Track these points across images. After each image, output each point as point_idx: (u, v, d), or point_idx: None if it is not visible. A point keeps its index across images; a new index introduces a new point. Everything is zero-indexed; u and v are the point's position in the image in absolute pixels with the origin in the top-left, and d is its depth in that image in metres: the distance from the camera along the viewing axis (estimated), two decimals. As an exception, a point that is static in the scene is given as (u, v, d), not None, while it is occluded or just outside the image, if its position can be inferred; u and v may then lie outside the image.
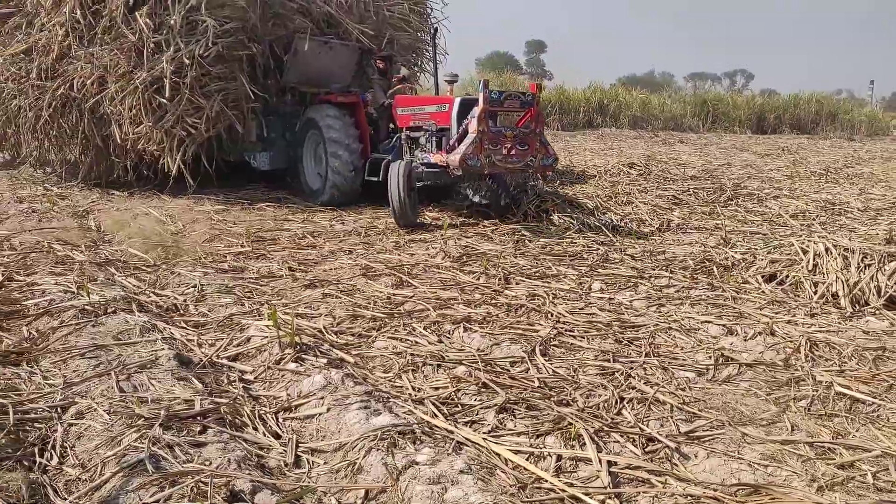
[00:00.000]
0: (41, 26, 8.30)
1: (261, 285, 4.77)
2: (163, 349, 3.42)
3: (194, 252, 5.67)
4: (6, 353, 3.37)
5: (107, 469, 2.39)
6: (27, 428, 2.67)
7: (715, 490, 2.30)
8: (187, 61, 7.33)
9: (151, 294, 4.49)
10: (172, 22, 7.35)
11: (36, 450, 2.53)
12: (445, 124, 7.01)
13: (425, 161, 7.05)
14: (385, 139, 8.12)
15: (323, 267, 5.32)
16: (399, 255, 5.73)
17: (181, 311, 4.21)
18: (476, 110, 6.27)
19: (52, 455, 2.51)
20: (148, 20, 7.44)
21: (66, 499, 2.25)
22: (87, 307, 3.97)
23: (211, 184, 8.44)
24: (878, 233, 5.77)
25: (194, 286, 4.67)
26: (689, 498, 2.25)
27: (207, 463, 2.41)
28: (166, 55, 7.36)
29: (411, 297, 4.50)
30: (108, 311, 3.97)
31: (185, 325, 3.92)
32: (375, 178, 7.54)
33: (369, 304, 4.35)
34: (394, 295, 4.58)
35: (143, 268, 5.18)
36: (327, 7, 8.83)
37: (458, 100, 7.01)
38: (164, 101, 7.47)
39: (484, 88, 6.21)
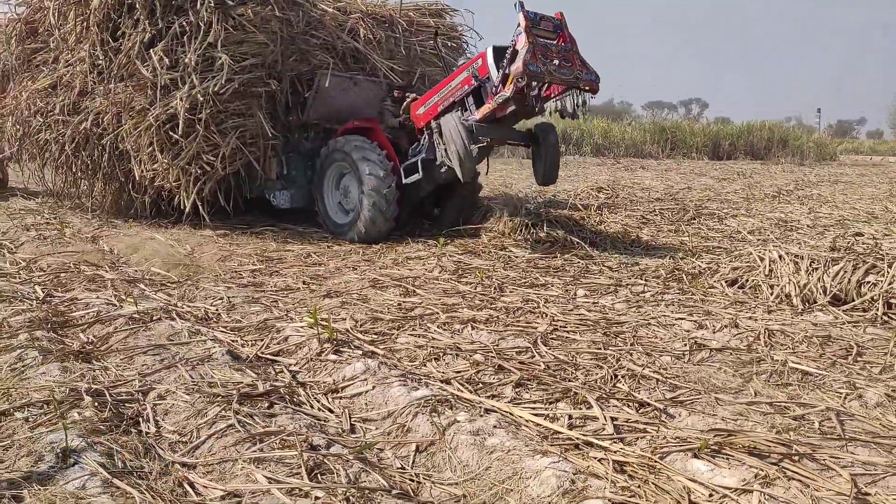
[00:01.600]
0: (66, 62, 8.50)
1: (282, 297, 5.28)
2: (214, 347, 3.91)
3: (213, 270, 6.15)
4: (76, 352, 3.82)
5: (202, 433, 2.88)
6: (120, 408, 3.14)
7: (698, 432, 2.90)
8: (202, 99, 7.30)
9: (184, 306, 4.96)
10: (188, 59, 7.37)
11: (132, 423, 3.01)
12: (485, 74, 6.81)
13: (471, 121, 6.77)
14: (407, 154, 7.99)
15: (333, 280, 5.85)
16: (400, 270, 6.28)
17: (216, 320, 4.70)
18: (521, 27, 6.21)
19: (149, 427, 2.99)
20: (163, 56, 7.49)
21: (174, 454, 2.74)
22: (134, 315, 4.44)
23: (219, 214, 8.41)
24: (824, 243, 6.52)
25: (221, 298, 5.16)
26: (678, 439, 2.84)
27: (282, 428, 2.92)
28: (180, 92, 7.38)
29: (420, 304, 5.06)
30: (154, 318, 4.44)
31: (224, 330, 4.41)
32: (417, 176, 7.40)
33: (384, 309, 4.90)
34: (403, 302, 5.13)
35: (169, 284, 5.64)
36: (354, 43, 8.73)
37: (489, 48, 6.84)
38: (179, 138, 7.49)
39: (521, 8, 6.20)
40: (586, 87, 6.47)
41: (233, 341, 4.16)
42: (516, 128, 7.38)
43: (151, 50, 7.55)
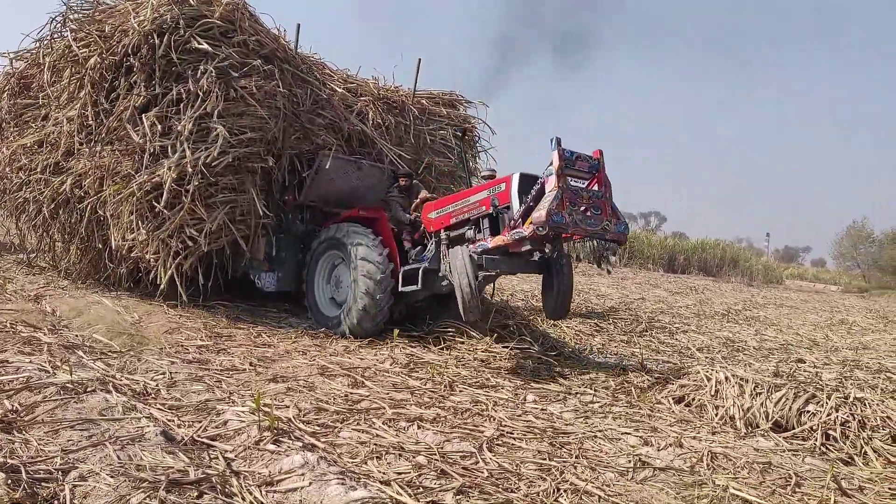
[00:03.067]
0: (55, 120, 8.16)
1: (226, 377, 5.13)
2: (148, 426, 3.75)
3: (158, 342, 5.97)
4: (-2, 421, 3.62)
5: (122, 522, 2.72)
6: (35, 488, 2.96)
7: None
8: (191, 170, 6.87)
9: (123, 378, 4.78)
10: (181, 127, 6.96)
11: (48, 505, 2.83)
12: (505, 203, 6.41)
13: (481, 249, 6.41)
14: (408, 254, 7.55)
15: (281, 364, 5.72)
16: (350, 358, 6.19)
17: (154, 395, 4.52)
18: (553, 167, 5.84)
19: (65, 509, 2.81)
20: (156, 122, 7.10)
21: (88, 544, 2.56)
22: (67, 385, 4.25)
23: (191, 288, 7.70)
24: (768, 367, 6.66)
25: (163, 373, 4.99)
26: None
27: (210, 521, 2.77)
28: (169, 161, 6.93)
29: (367, 396, 4.96)
30: (88, 389, 4.25)
31: (161, 408, 4.24)
32: (414, 287, 6.95)
33: (330, 399, 4.79)
34: (351, 393, 5.03)
35: (110, 353, 5.45)
36: (362, 125, 8.44)
37: (516, 175, 6.42)
38: (162, 209, 6.99)
39: (558, 145, 5.84)
40: (615, 239, 6.16)
41: (169, 420, 4.00)
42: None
43: (144, 115, 7.20)
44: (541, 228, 5.74)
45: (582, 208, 5.91)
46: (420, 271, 6.95)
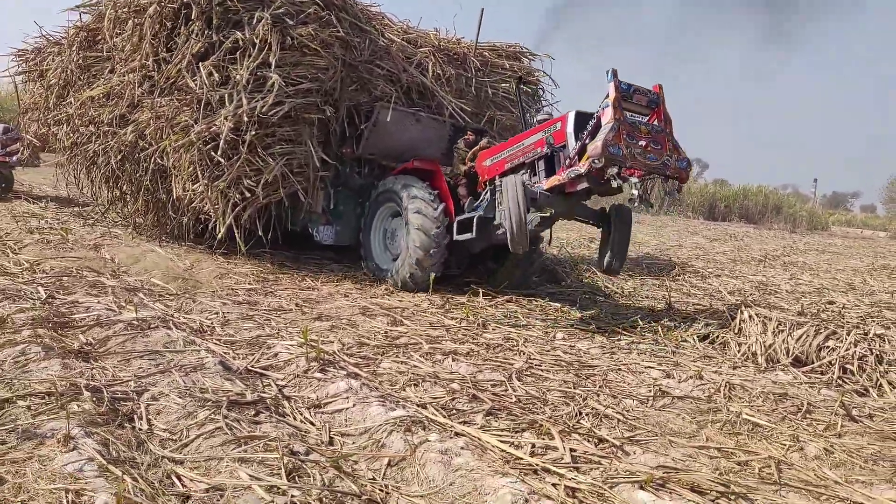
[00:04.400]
0: (120, 72, 8.12)
1: (275, 316, 5.53)
2: (207, 357, 4.16)
3: (210, 285, 6.41)
4: (76, 351, 4.06)
5: (191, 433, 3.12)
6: (116, 405, 3.38)
7: (648, 468, 3.14)
8: (247, 119, 6.77)
9: (181, 317, 5.21)
10: (238, 76, 6.88)
11: (127, 419, 3.25)
12: (560, 142, 6.18)
13: (538, 190, 6.20)
14: (463, 206, 7.34)
15: (325, 305, 6.11)
16: (390, 300, 6.55)
17: (210, 332, 4.94)
18: (609, 98, 5.61)
19: (141, 424, 3.22)
20: (213, 71, 6.99)
21: (164, 450, 2.97)
22: (133, 322, 4.69)
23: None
24: (794, 308, 6.81)
25: (216, 313, 5.41)
26: (627, 472, 3.09)
27: (266, 434, 3.16)
28: (225, 110, 6.84)
29: (406, 333, 5.32)
30: (151, 326, 4.68)
31: (217, 342, 4.65)
32: (468, 235, 6.84)
33: (371, 336, 5.15)
34: (390, 331, 5.39)
35: (167, 295, 5.89)
36: (421, 77, 8.23)
37: (572, 113, 6.17)
38: (220, 159, 6.94)
39: (614, 77, 5.61)
40: (675, 176, 5.89)
41: (225, 353, 4.40)
42: (587, 204, 6.78)
43: (201, 64, 7.08)
44: (596, 161, 5.53)
45: (641, 142, 5.64)
46: (475, 219, 6.84)
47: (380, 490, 2.87)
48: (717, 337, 6.01)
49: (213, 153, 6.97)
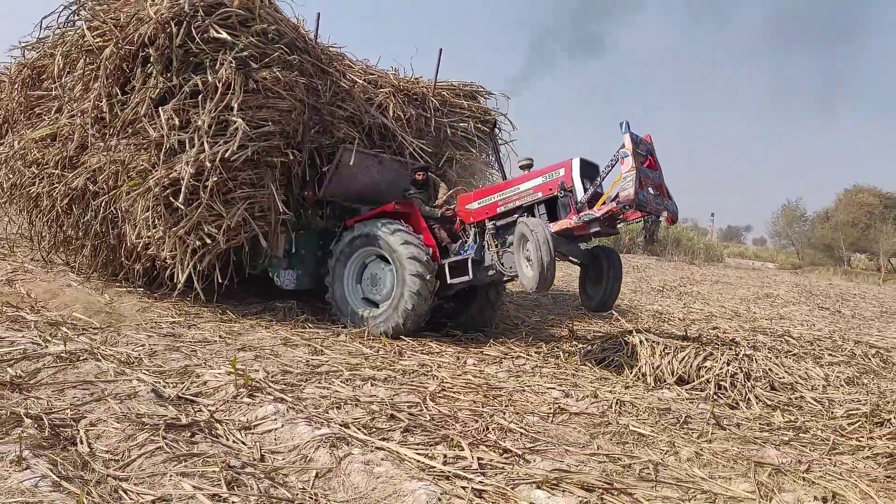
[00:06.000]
0: (69, 113, 7.81)
1: (200, 347, 5.76)
2: (139, 386, 4.39)
3: (134, 319, 6.55)
4: (8, 383, 4.20)
5: (132, 453, 3.39)
6: (58, 431, 3.59)
7: (545, 471, 3.63)
8: (209, 164, 6.64)
9: (108, 349, 5.37)
10: (200, 121, 6.73)
11: (69, 443, 3.47)
12: (569, 186, 6.45)
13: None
14: (447, 248, 7.43)
15: (247, 337, 6.37)
16: (308, 330, 6.87)
17: (138, 363, 5.13)
18: (627, 149, 5.89)
19: (83, 447, 3.45)
20: (173, 115, 6.82)
21: (108, 468, 3.22)
22: (61, 354, 4.84)
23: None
24: (680, 333, 7.58)
25: (143, 345, 5.60)
26: (527, 475, 3.56)
27: (204, 452, 3.46)
28: (186, 156, 6.70)
29: (326, 362, 5.67)
30: (80, 358, 4.85)
31: (147, 372, 4.86)
32: (465, 278, 6.97)
33: (293, 364, 5.48)
34: (312, 359, 5.72)
35: (91, 329, 6.01)
36: (382, 118, 8.27)
37: (576, 160, 6.51)
38: (180, 205, 6.74)
39: (628, 129, 5.95)
40: (669, 219, 6.21)
41: (156, 382, 4.62)
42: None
43: (161, 108, 6.92)
44: (628, 206, 5.90)
45: (650, 189, 6.07)
46: (469, 262, 6.96)
47: (310, 498, 3.22)
48: (612, 360, 6.65)
49: (172, 199, 6.81)
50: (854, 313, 14.96)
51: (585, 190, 6.37)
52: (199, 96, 6.84)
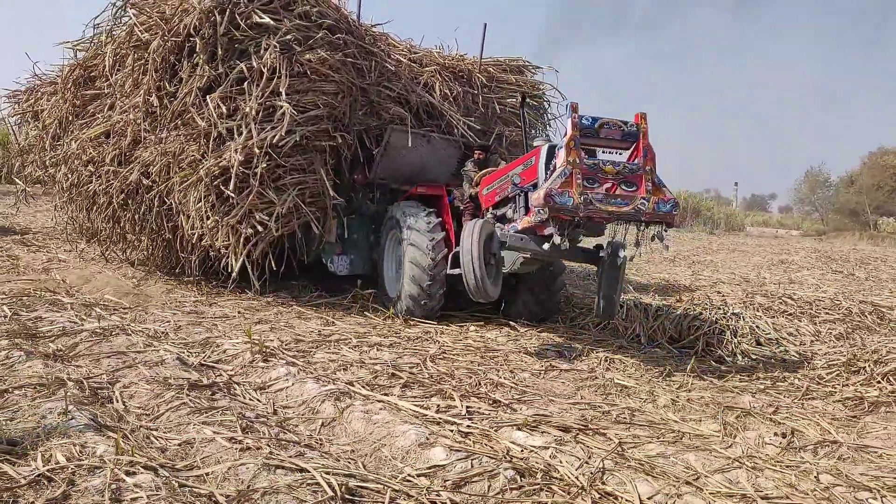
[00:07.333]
0: (121, 109, 7.86)
1: (221, 322, 6.25)
2: (166, 355, 4.88)
3: (159, 299, 7.06)
4: (51, 354, 4.71)
5: (161, 408, 3.87)
6: (96, 392, 4.08)
7: (525, 418, 4.05)
8: (258, 151, 6.59)
9: (137, 325, 5.87)
10: (247, 108, 6.71)
11: (106, 401, 3.96)
12: (531, 180, 5.79)
13: (513, 230, 5.81)
14: None
15: (264, 312, 6.84)
16: (322, 306, 7.33)
17: (164, 337, 5.63)
18: (563, 138, 5.17)
19: (118, 405, 3.94)
20: (220, 104, 6.79)
21: (140, 421, 3.70)
22: (96, 330, 5.35)
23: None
24: (676, 297, 7.92)
25: (168, 321, 6.10)
26: (510, 419, 3.98)
27: (223, 406, 3.92)
28: (234, 143, 6.67)
29: (337, 332, 6.12)
30: (113, 333, 5.35)
31: (172, 345, 5.35)
32: (459, 270, 5.77)
33: (306, 334, 5.94)
34: (323, 330, 6.18)
35: (121, 309, 6.52)
36: (429, 97, 8.13)
37: (545, 147, 5.74)
38: (231, 193, 6.69)
39: (572, 112, 5.10)
40: (655, 221, 5.10)
41: (180, 352, 5.11)
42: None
43: (208, 97, 6.89)
44: (541, 211, 5.01)
45: (605, 185, 5.02)
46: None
47: (315, 442, 3.67)
48: (609, 323, 7.02)
49: (222, 188, 6.78)
50: (868, 276, 15.05)
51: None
52: (245, 83, 6.84)
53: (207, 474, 3.04)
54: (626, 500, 3.06)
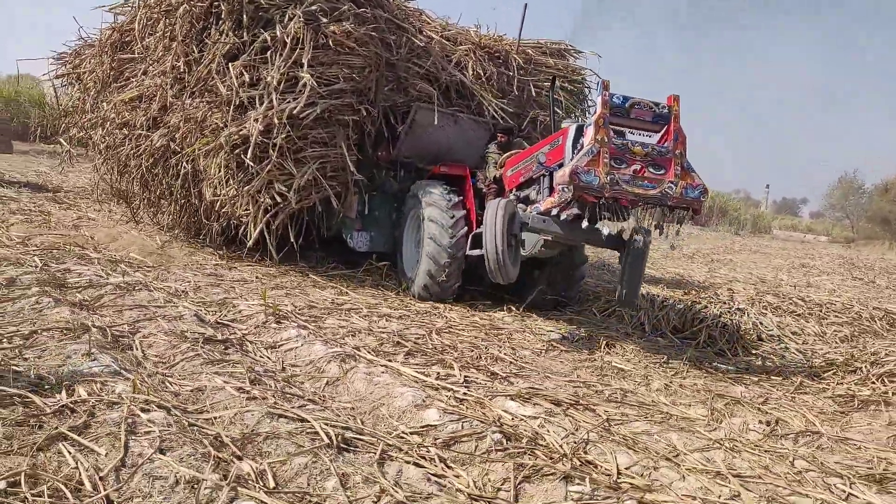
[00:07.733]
0: (152, 74, 7.96)
1: (238, 285, 6.51)
2: (184, 311, 5.13)
3: (181, 260, 7.34)
4: (78, 303, 4.99)
5: (176, 358, 4.12)
6: (118, 339, 4.34)
7: (520, 390, 4.24)
8: (277, 121, 6.59)
9: (159, 283, 6.15)
10: (269, 78, 6.70)
11: (127, 348, 4.22)
12: (558, 160, 5.66)
13: (536, 211, 5.68)
14: None
15: (281, 279, 7.09)
16: (338, 276, 7.56)
17: (184, 295, 5.89)
18: (592, 116, 5.10)
19: (138, 352, 4.20)
20: (243, 72, 6.81)
21: (157, 368, 3.95)
22: (120, 284, 5.63)
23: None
24: (685, 291, 8.03)
25: (189, 281, 6.37)
26: (505, 390, 4.17)
27: (234, 359, 4.16)
28: (255, 112, 6.67)
29: (349, 300, 6.35)
30: (136, 288, 5.63)
31: (191, 303, 5.61)
32: (479, 251, 5.82)
33: (320, 301, 6.17)
34: (336, 298, 6.41)
35: (145, 267, 6.81)
36: (461, 76, 7.94)
37: (573, 126, 5.61)
38: (250, 163, 6.75)
39: (603, 90, 5.01)
40: (680, 206, 4.97)
41: (198, 309, 5.36)
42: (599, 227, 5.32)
43: (231, 64, 6.88)
44: (566, 189, 4.89)
45: (633, 167, 4.90)
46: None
47: (319, 398, 3.90)
48: (615, 311, 7.16)
49: (242, 157, 6.82)
50: (890, 284, 14.94)
51: None
52: (269, 52, 6.82)
53: (216, 418, 3.28)
54: (605, 469, 3.24)
